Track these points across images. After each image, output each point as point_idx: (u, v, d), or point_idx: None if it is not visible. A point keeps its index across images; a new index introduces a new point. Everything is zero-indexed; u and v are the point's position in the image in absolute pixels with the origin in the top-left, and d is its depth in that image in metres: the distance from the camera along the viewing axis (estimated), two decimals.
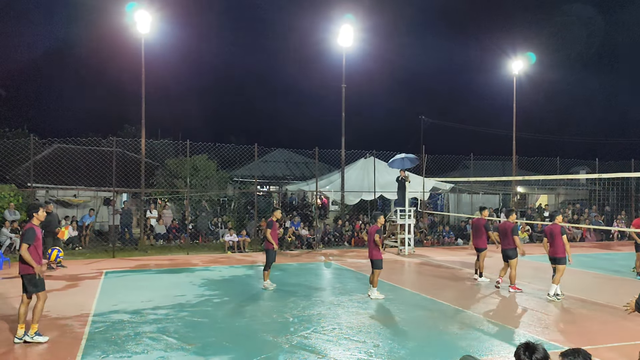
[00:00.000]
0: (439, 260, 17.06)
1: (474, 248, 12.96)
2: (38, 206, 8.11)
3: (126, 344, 7.35)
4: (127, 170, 20.45)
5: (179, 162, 22.74)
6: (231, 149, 21.72)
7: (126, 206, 20.84)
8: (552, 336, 7.92)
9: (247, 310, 9.65)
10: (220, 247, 19.21)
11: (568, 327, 8.65)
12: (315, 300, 10.41)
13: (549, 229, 10.79)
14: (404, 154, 19.75)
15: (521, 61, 25.91)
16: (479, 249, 12.75)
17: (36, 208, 8.00)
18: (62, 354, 6.92)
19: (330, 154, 22.74)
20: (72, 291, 11.33)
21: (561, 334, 8.16)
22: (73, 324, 8.45)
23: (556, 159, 26.86)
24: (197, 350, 7.12)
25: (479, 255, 12.75)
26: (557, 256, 10.49)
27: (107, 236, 19.81)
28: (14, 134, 29.36)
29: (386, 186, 22.30)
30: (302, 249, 19.90)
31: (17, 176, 20.89)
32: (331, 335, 7.89)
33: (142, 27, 19.08)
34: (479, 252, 12.74)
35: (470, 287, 12.19)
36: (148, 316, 8.95)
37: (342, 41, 22.37)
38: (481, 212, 13.00)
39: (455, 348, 7.26)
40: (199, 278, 13.03)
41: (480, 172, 27.07)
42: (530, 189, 30.84)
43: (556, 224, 10.73)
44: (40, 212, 7.95)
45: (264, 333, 7.96)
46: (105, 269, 14.26)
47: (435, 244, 22.03)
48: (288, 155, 30.65)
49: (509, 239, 11.41)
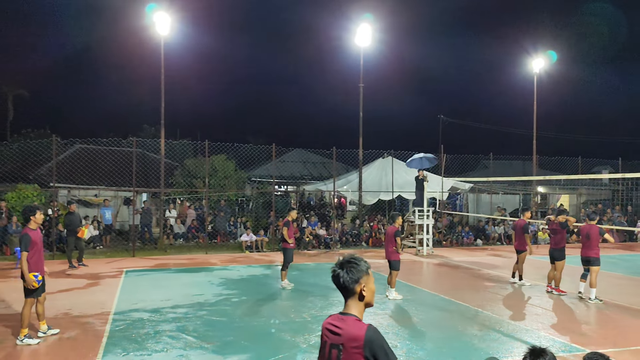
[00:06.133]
0: (458, 260, 16.92)
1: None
2: (35, 209, 7.53)
3: (146, 342, 7.43)
4: (146, 170, 20.71)
5: (198, 162, 22.91)
6: (249, 149, 21.82)
7: (146, 206, 21.08)
8: (574, 338, 7.79)
9: (265, 309, 9.69)
10: (238, 247, 19.32)
11: (590, 330, 8.51)
12: (333, 300, 10.40)
13: (586, 229, 10.56)
14: (422, 153, 19.64)
15: (542, 59, 25.54)
16: (517, 250, 12.42)
17: (33, 211, 7.46)
18: (84, 351, 7.03)
19: (348, 153, 22.70)
20: (93, 289, 11.50)
21: (583, 336, 8.02)
22: (94, 321, 8.57)
23: (578, 159, 26.42)
24: (216, 349, 7.16)
25: (519, 257, 12.35)
26: (592, 257, 10.28)
27: (128, 235, 20.07)
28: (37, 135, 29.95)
29: (404, 186, 22.19)
30: (320, 248, 19.91)
31: (40, 176, 21.29)
32: None
33: (161, 29, 19.28)
34: (518, 255, 12.39)
35: (491, 288, 12.06)
36: (167, 315, 9.04)
37: (360, 41, 22.31)
38: (522, 214, 12.71)
39: (475, 349, 7.19)
40: (217, 277, 13.13)
41: (500, 171, 26.78)
42: (551, 189, 30.42)
43: (594, 224, 10.53)
44: (38, 215, 7.47)
45: (282, 332, 7.99)
46: (125, 268, 14.45)
47: (454, 244, 21.85)
48: (306, 155, 30.68)
49: (557, 240, 11.16)
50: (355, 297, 2.89)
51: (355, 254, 3.06)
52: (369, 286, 2.89)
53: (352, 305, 2.90)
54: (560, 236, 11.17)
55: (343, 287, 2.89)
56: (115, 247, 18.99)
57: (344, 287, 2.88)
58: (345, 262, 2.91)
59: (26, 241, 7.25)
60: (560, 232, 11.17)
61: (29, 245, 7.25)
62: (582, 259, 10.53)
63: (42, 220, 7.73)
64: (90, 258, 16.05)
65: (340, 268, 2.89)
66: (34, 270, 7.29)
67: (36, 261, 7.36)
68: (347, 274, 2.86)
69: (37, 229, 7.56)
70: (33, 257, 7.32)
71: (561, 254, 11.02)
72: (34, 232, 7.43)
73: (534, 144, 25.48)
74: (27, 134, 31.07)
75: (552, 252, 11.20)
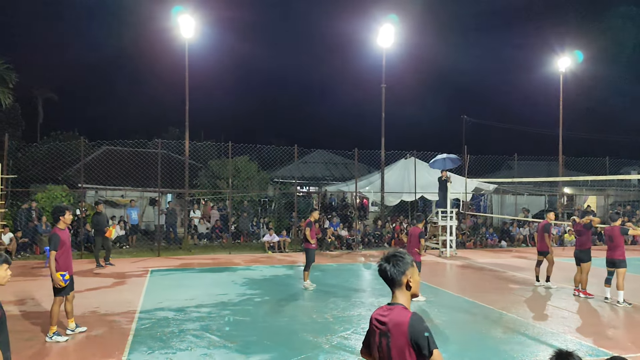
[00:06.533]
0: (482, 262, 16.74)
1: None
2: (64, 209, 7.65)
3: (171, 340, 7.55)
4: (171, 171, 21.02)
5: (222, 164, 23.15)
6: (272, 150, 21.96)
7: (171, 206, 21.39)
8: (601, 342, 7.65)
9: (287, 309, 9.75)
10: (261, 247, 19.46)
11: (618, 333, 8.33)
12: (355, 301, 10.40)
13: (609, 231, 10.39)
14: (445, 154, 19.49)
15: (568, 58, 25.10)
16: (540, 252, 12.14)
17: (62, 211, 7.58)
18: (111, 349, 7.17)
19: (370, 154, 22.65)
20: (119, 288, 11.72)
21: (611, 340, 7.86)
22: (121, 320, 8.74)
23: (605, 159, 25.90)
24: (239, 348, 7.24)
25: (546, 259, 12.08)
26: (617, 258, 10.09)
27: (153, 235, 20.39)
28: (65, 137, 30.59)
29: (427, 187, 22.05)
30: (342, 249, 19.91)
31: (69, 177, 21.80)
32: None
33: (186, 32, 19.55)
34: (544, 257, 12.11)
35: (515, 290, 11.90)
36: (191, 314, 9.16)
37: (382, 41, 22.26)
38: (546, 215, 12.45)
39: (498, 352, 7.12)
40: (240, 277, 13.25)
41: (524, 172, 26.40)
42: (577, 190, 29.86)
43: (615, 225, 10.34)
44: (67, 215, 7.60)
45: (304, 333, 8.02)
46: (150, 267, 14.68)
47: (478, 246, 21.62)
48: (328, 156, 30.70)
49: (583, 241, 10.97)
50: (403, 288, 3.07)
51: (401, 249, 3.24)
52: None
53: (399, 296, 3.07)
54: (586, 238, 10.97)
55: (390, 280, 3.07)
56: (141, 247, 19.31)
57: (392, 279, 3.06)
58: (390, 256, 3.09)
59: (55, 241, 7.39)
60: (585, 234, 10.97)
61: (58, 244, 7.40)
62: (607, 261, 10.34)
63: (70, 221, 7.85)
64: (117, 257, 16.35)
65: (387, 262, 3.08)
66: (62, 269, 7.44)
67: (64, 260, 7.52)
68: (393, 267, 3.05)
69: (65, 228, 7.71)
70: (61, 256, 7.47)
71: (587, 256, 10.82)
72: (63, 232, 7.58)
73: (560, 144, 25.06)
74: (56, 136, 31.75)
75: (578, 254, 11.01)
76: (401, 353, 2.90)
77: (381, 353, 2.99)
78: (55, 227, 7.64)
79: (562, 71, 24.94)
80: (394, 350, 2.92)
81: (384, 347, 2.97)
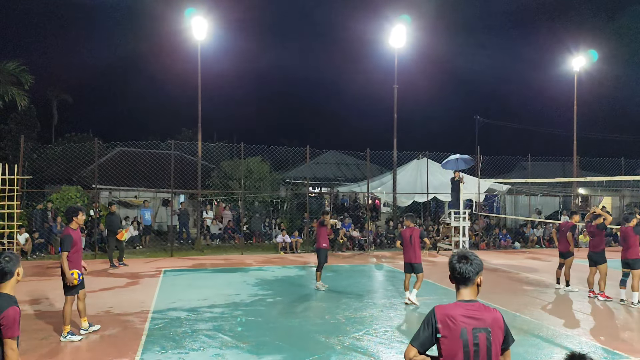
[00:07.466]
0: (495, 264, 16.61)
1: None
2: (77, 210, 7.71)
3: (183, 340, 7.59)
4: (184, 172, 21.15)
5: (234, 164, 23.25)
6: (283, 151, 22.00)
7: (183, 207, 21.52)
8: (616, 345, 7.55)
9: (299, 310, 9.75)
10: (273, 248, 19.50)
11: (634, 336, 8.22)
12: (367, 302, 10.38)
13: (623, 232, 10.29)
14: (458, 154, 19.37)
15: (582, 58, 24.80)
16: (563, 253, 11.81)
17: (75, 212, 7.63)
18: (124, 348, 7.23)
19: (382, 155, 22.59)
20: (133, 288, 11.81)
21: (626, 343, 7.75)
22: (134, 320, 8.81)
23: (620, 159, 25.57)
24: (251, 348, 7.26)
25: (565, 262, 11.82)
26: (631, 259, 9.97)
27: (166, 236, 20.53)
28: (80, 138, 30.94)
29: (440, 188, 21.93)
30: (354, 250, 19.88)
31: (83, 178, 22.01)
32: (383, 337, 7.85)
33: (198, 34, 19.66)
34: (565, 259, 11.84)
35: (529, 292, 11.79)
36: (204, 314, 9.21)
37: (394, 42, 22.20)
38: (572, 217, 12.08)
39: (512, 354, 7.00)
40: (252, 278, 13.28)
41: (538, 173, 26.13)
42: (592, 191, 29.50)
43: (629, 226, 10.22)
44: (80, 216, 7.66)
45: (316, 333, 8.02)
46: (163, 268, 14.78)
47: (491, 247, 21.46)
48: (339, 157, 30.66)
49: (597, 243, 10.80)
50: (474, 286, 3.26)
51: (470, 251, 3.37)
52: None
53: (471, 294, 3.24)
54: (599, 239, 10.82)
55: (466, 278, 3.22)
56: (154, 247, 19.45)
57: (467, 278, 3.22)
58: (464, 256, 3.26)
59: (68, 241, 7.47)
60: (599, 235, 10.82)
61: (70, 245, 7.47)
62: (622, 262, 10.23)
63: (83, 221, 7.91)
64: (130, 257, 16.49)
65: (463, 261, 3.24)
66: (72, 268, 7.51)
67: (76, 259, 7.60)
68: (471, 266, 3.22)
69: (77, 229, 7.77)
70: (73, 255, 7.55)
71: (601, 258, 10.65)
72: (75, 232, 7.66)
73: (574, 144, 24.78)
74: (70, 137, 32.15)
75: (591, 255, 10.87)
76: (498, 346, 3.18)
77: (476, 347, 3.11)
78: (67, 227, 7.71)
79: (576, 71, 24.66)
80: (495, 344, 3.14)
81: (483, 341, 3.10)
